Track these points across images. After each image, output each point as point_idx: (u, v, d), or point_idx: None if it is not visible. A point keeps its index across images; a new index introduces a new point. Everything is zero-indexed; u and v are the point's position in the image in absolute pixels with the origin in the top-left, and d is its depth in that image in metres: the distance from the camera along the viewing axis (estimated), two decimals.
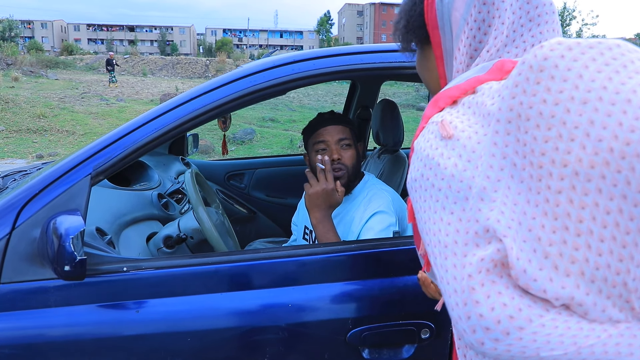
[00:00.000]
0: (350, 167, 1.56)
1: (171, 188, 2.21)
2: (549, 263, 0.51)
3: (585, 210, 0.49)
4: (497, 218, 0.55)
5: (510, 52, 0.72)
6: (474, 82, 0.67)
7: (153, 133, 1.22)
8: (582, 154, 0.48)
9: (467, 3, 0.73)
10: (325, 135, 1.57)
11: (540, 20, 0.73)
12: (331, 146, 1.56)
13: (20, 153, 8.18)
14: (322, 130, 1.58)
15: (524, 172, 0.53)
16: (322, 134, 1.57)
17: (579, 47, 0.52)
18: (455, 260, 0.59)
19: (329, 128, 1.57)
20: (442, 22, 0.76)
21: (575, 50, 0.52)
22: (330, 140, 1.56)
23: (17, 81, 17.23)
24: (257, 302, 1.19)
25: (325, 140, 1.56)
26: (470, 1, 0.72)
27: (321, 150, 1.57)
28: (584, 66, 0.50)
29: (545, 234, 0.51)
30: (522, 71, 0.54)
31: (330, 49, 1.37)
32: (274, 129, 10.98)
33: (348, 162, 1.55)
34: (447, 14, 0.74)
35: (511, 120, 0.55)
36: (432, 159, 0.63)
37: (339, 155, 1.55)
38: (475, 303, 0.55)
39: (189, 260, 1.23)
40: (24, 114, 10.19)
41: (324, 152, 1.56)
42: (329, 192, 1.43)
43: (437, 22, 0.76)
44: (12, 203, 1.17)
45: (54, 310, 1.14)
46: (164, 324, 1.16)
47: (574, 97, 0.50)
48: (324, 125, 1.59)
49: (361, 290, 1.23)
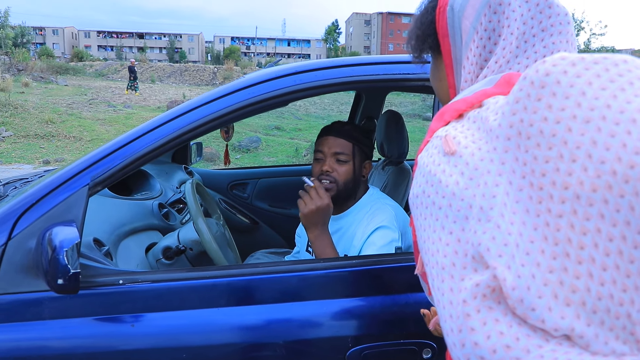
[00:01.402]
0: (342, 182, 1.52)
1: (172, 197, 2.20)
2: (548, 291, 0.48)
3: (586, 237, 0.46)
4: (488, 246, 0.53)
5: (521, 63, 0.70)
6: (481, 95, 0.65)
7: (152, 144, 1.20)
8: (583, 176, 0.46)
9: (477, 11, 0.71)
10: (323, 145, 1.56)
11: (553, 31, 0.71)
12: (325, 157, 1.55)
13: (28, 158, 8.23)
14: (322, 140, 1.57)
15: (522, 192, 0.51)
16: (321, 143, 1.57)
17: (583, 62, 0.49)
18: (452, 284, 0.57)
19: (329, 139, 1.56)
20: (452, 30, 0.75)
21: (579, 66, 0.49)
22: (327, 151, 1.55)
23: (28, 87, 17.40)
24: (255, 318, 1.16)
25: (321, 149, 1.56)
26: (481, 9, 0.71)
27: (318, 160, 1.57)
28: (587, 83, 0.48)
29: (545, 259, 0.48)
30: (523, 87, 0.52)
31: (333, 60, 1.36)
32: (279, 137, 10.99)
33: (340, 177, 1.52)
34: (458, 22, 0.73)
35: (511, 137, 0.52)
36: (434, 175, 0.61)
37: (330, 167, 1.53)
38: (471, 330, 0.53)
39: (186, 274, 1.21)
40: (32, 120, 10.27)
41: (320, 161, 1.56)
42: (323, 208, 1.41)
43: (448, 30, 0.75)
44: (9, 212, 1.15)
45: (49, 323, 1.12)
46: (159, 339, 1.14)
47: (576, 115, 0.47)
48: (325, 134, 1.58)
49: (362, 308, 1.20)
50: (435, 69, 0.82)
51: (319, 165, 1.55)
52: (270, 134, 11.32)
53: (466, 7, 0.72)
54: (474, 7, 0.72)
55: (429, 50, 0.81)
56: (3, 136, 9.34)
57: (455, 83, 0.78)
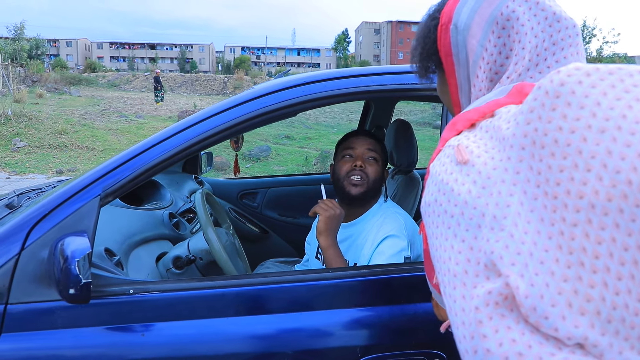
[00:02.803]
0: (372, 179, 1.56)
1: (183, 207, 2.21)
2: (562, 300, 0.48)
3: (601, 246, 0.46)
4: (501, 254, 0.53)
5: (534, 77, 0.71)
6: (493, 105, 0.65)
7: (162, 155, 1.21)
8: (598, 185, 0.46)
9: (484, 29, 0.71)
10: (355, 142, 1.60)
11: (564, 44, 0.71)
12: (358, 154, 1.58)
13: (41, 168, 8.34)
14: (354, 139, 1.62)
15: (536, 201, 0.51)
16: (353, 142, 1.61)
17: (597, 73, 0.50)
18: (465, 291, 0.57)
19: (360, 137, 1.62)
20: (456, 48, 0.74)
21: (594, 76, 0.50)
22: (359, 148, 1.59)
23: (42, 98, 17.68)
24: (264, 328, 1.16)
25: (353, 147, 1.59)
26: (488, 27, 0.71)
27: (347, 157, 1.59)
28: (602, 93, 0.48)
29: (560, 268, 0.48)
30: (538, 96, 0.52)
31: (342, 70, 1.37)
32: (289, 146, 11.03)
33: (371, 174, 1.57)
34: (463, 41, 0.73)
35: (525, 146, 0.53)
36: (447, 184, 0.61)
37: (362, 163, 1.56)
38: (483, 337, 0.53)
39: (195, 284, 1.21)
40: (46, 130, 10.42)
41: (350, 159, 1.58)
42: (337, 217, 1.45)
43: (451, 49, 0.75)
44: (22, 223, 1.17)
45: (61, 332, 1.13)
46: (169, 348, 1.14)
47: (591, 125, 0.47)
48: (356, 134, 1.64)
49: (370, 317, 1.19)
50: (442, 84, 0.83)
51: (350, 162, 1.57)
52: (281, 142, 11.36)
53: (471, 26, 0.72)
54: (479, 26, 0.71)
55: (434, 66, 0.81)
56: (18, 146, 9.48)
57: (460, 101, 0.78)
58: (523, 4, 0.70)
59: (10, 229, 1.17)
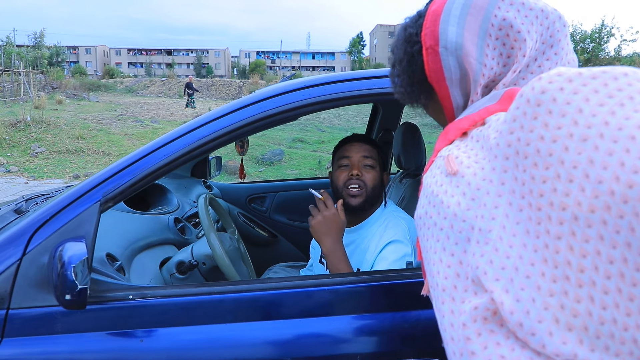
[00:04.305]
0: (370, 187, 1.53)
1: (189, 212, 2.22)
2: (549, 315, 0.46)
3: (586, 259, 0.44)
4: (485, 269, 0.51)
5: (526, 79, 0.68)
6: (484, 112, 0.63)
7: (162, 160, 1.22)
8: (581, 197, 0.44)
9: (478, 45, 0.67)
10: (350, 150, 1.56)
11: (553, 41, 0.69)
12: (354, 162, 1.54)
13: (59, 173, 8.48)
14: (348, 146, 1.58)
15: (522, 213, 0.49)
16: (347, 150, 1.57)
17: (580, 78, 0.48)
18: (453, 306, 0.56)
19: (355, 144, 1.57)
20: (449, 72, 0.69)
21: (576, 81, 0.47)
22: (354, 156, 1.55)
23: (61, 104, 18.01)
24: (262, 335, 1.15)
25: (349, 156, 1.56)
26: (481, 42, 0.67)
27: (343, 167, 1.56)
28: (584, 99, 0.46)
29: (546, 282, 0.47)
30: (520, 105, 0.51)
31: (342, 74, 1.35)
32: (302, 149, 11.04)
33: (369, 182, 1.53)
34: (455, 61, 0.68)
35: (509, 157, 0.51)
36: (437, 196, 0.60)
37: (359, 171, 1.53)
38: (471, 354, 0.52)
39: (194, 289, 1.21)
40: (64, 136, 10.60)
41: (346, 168, 1.55)
42: (330, 218, 1.41)
43: (444, 73, 0.70)
44: (24, 229, 1.18)
45: (61, 338, 1.13)
46: (168, 354, 1.14)
47: (572, 133, 0.46)
48: (351, 141, 1.59)
49: (371, 324, 1.17)
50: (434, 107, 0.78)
51: (346, 172, 1.54)
52: (294, 146, 11.38)
53: (464, 44, 0.67)
54: (472, 42, 0.67)
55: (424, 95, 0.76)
56: (36, 152, 9.66)
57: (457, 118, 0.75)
58: (510, 9, 0.66)
59: (12, 235, 1.18)
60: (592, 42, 21.76)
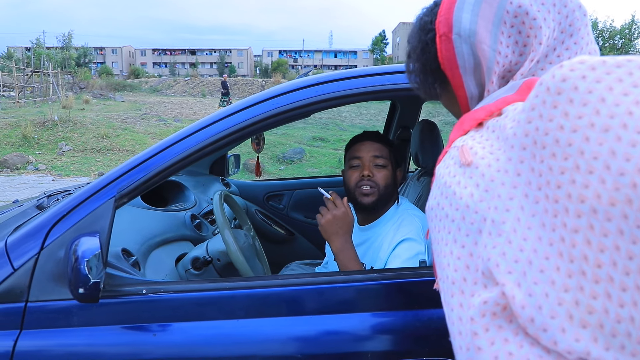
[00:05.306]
0: (382, 186, 1.51)
1: (206, 208, 2.24)
2: (563, 311, 0.45)
3: (604, 254, 0.43)
4: (497, 261, 0.50)
5: (544, 69, 0.67)
6: (501, 102, 0.62)
7: (175, 157, 1.23)
8: (601, 189, 0.42)
9: (492, 32, 0.66)
10: (360, 150, 1.54)
11: (572, 30, 0.66)
12: (364, 162, 1.52)
13: (84, 171, 8.68)
14: (359, 146, 1.56)
15: (538, 205, 0.48)
16: (358, 149, 1.55)
17: (604, 66, 0.46)
18: (462, 299, 0.55)
19: (366, 144, 1.55)
20: (462, 59, 0.68)
21: (600, 70, 0.46)
22: (365, 156, 1.53)
23: (88, 103, 18.43)
24: (273, 331, 1.15)
25: (359, 156, 1.53)
26: (496, 29, 0.66)
27: (354, 167, 1.54)
28: (607, 88, 0.44)
29: (560, 277, 0.45)
30: (539, 93, 0.49)
31: (358, 70, 1.34)
32: (323, 148, 11.04)
33: (380, 181, 1.51)
34: (469, 49, 0.67)
35: (526, 147, 0.50)
36: (449, 187, 0.59)
37: (370, 172, 1.51)
38: (477, 350, 0.51)
39: (207, 285, 1.22)
40: (90, 135, 10.84)
41: (357, 168, 1.53)
42: (340, 216, 1.40)
43: (457, 61, 0.69)
44: (43, 224, 1.21)
45: (76, 331, 1.15)
46: (180, 349, 1.15)
47: (594, 123, 0.44)
48: (361, 140, 1.57)
49: (382, 323, 1.16)
50: (448, 97, 0.77)
51: (357, 172, 1.53)
52: (314, 145, 11.40)
53: (477, 31, 0.66)
54: (486, 29, 0.66)
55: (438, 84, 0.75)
56: (63, 150, 9.91)
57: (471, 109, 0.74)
58: None
59: (31, 230, 1.21)
60: (622, 38, 21.18)
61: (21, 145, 10.03)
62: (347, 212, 1.41)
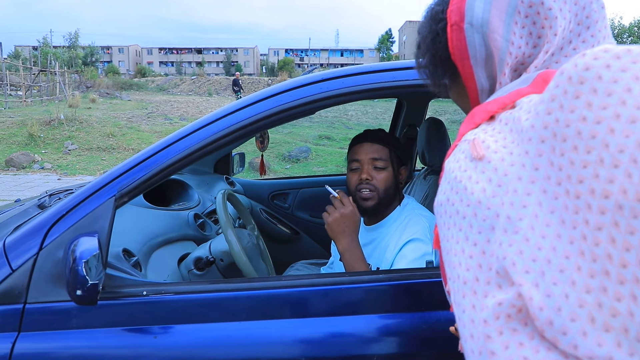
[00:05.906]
0: (382, 189, 1.47)
1: (210, 208, 2.22)
2: (584, 314, 0.42)
3: (630, 253, 0.40)
4: (513, 260, 0.47)
5: (559, 62, 0.64)
6: (515, 95, 0.59)
7: (176, 155, 1.20)
8: (627, 183, 0.40)
9: (505, 22, 0.63)
10: (359, 153, 1.51)
11: (589, 22, 0.63)
12: (363, 165, 1.49)
13: (90, 170, 8.71)
14: (357, 148, 1.52)
15: (557, 201, 0.45)
16: (357, 152, 1.52)
17: (629, 55, 0.43)
18: (475, 300, 0.52)
19: (364, 145, 1.51)
20: (473, 49, 0.66)
21: (625, 59, 0.43)
22: (363, 158, 1.49)
23: (94, 102, 18.52)
24: (276, 333, 1.12)
25: (358, 158, 1.50)
26: (510, 19, 0.63)
27: (354, 170, 1.51)
28: (634, 78, 0.42)
29: (582, 277, 0.42)
30: (560, 83, 0.46)
31: (362, 67, 1.31)
32: (329, 147, 11.02)
33: (380, 184, 1.47)
34: (481, 39, 0.65)
35: (545, 139, 0.47)
36: (460, 182, 0.56)
37: (368, 175, 1.48)
38: (491, 354, 0.48)
39: (209, 286, 1.19)
40: (96, 133, 10.89)
41: (357, 171, 1.50)
42: (347, 215, 1.38)
43: (468, 51, 0.66)
44: (42, 224, 1.19)
45: (75, 333, 1.13)
46: (182, 352, 1.12)
47: (620, 114, 0.41)
48: (360, 142, 1.53)
49: (389, 325, 1.13)
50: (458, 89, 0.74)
51: (356, 175, 1.50)
52: (320, 143, 11.38)
53: (490, 20, 0.64)
54: (500, 18, 0.63)
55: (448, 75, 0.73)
56: (69, 149, 9.95)
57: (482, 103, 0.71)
58: None
59: (30, 230, 1.19)
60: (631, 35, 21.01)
61: (27, 144, 10.08)
62: (354, 211, 1.38)
